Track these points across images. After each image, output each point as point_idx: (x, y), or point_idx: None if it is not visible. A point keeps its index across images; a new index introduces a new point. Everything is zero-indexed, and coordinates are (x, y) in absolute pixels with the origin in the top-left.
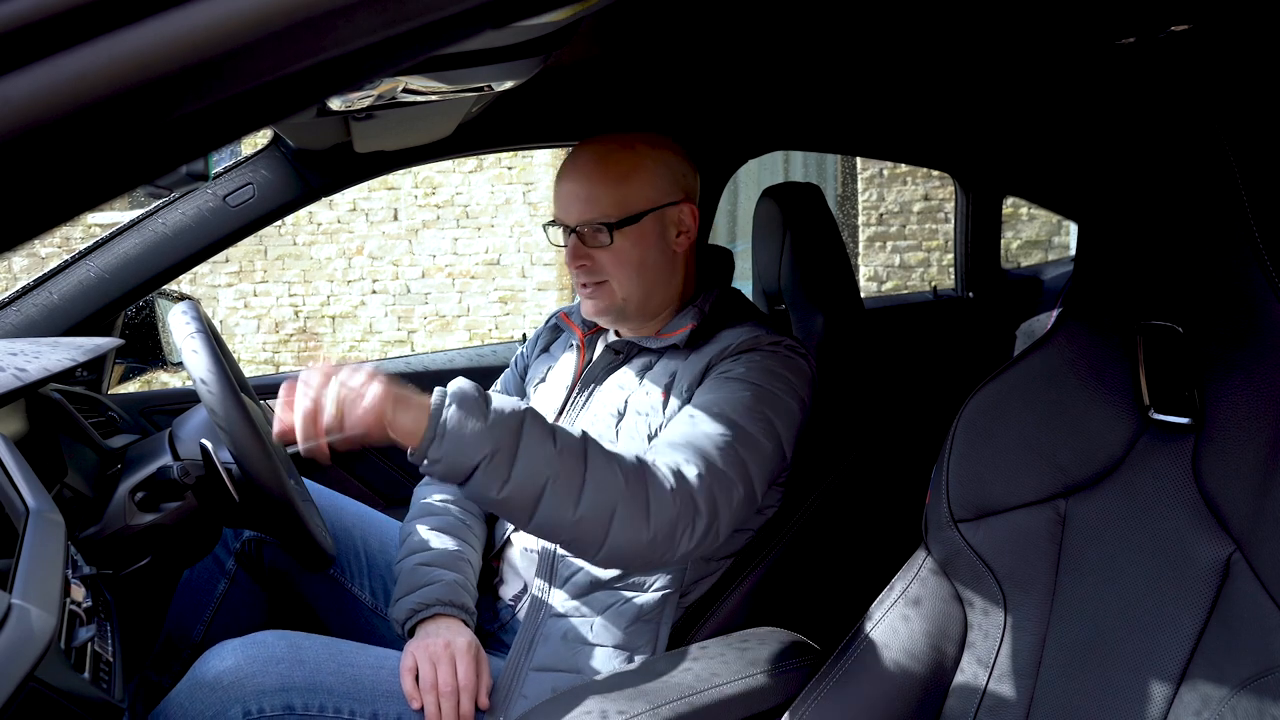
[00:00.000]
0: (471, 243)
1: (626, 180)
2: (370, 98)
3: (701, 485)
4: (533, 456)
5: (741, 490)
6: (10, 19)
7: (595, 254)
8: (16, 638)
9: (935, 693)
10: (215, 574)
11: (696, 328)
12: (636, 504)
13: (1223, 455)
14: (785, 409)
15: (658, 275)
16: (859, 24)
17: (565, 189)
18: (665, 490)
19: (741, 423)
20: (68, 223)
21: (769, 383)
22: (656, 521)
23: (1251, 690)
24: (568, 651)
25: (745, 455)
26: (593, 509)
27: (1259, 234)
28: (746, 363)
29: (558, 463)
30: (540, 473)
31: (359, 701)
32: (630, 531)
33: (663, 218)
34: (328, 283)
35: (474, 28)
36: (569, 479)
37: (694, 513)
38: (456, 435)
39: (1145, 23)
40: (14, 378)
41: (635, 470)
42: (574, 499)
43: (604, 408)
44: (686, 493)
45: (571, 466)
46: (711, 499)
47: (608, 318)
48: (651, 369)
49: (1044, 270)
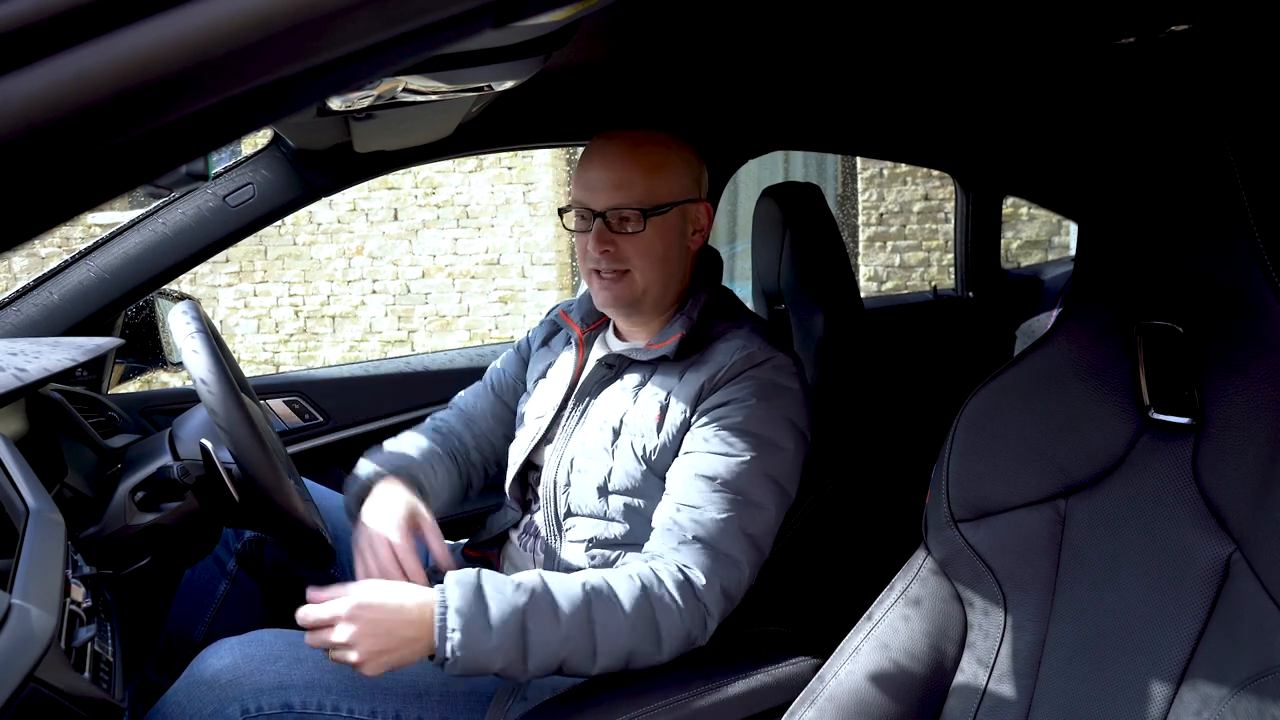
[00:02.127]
0: (471, 243)
1: (659, 170)
2: (370, 98)
3: (709, 588)
4: (544, 644)
5: (748, 569)
6: (10, 19)
7: (621, 241)
8: (16, 638)
9: (935, 693)
10: (216, 574)
11: (686, 337)
12: (649, 640)
13: (1223, 455)
14: (787, 458)
15: (675, 270)
16: (859, 24)
17: (594, 174)
18: (674, 613)
19: (745, 492)
20: (68, 223)
21: (767, 428)
22: (669, 644)
23: (1251, 690)
24: None
25: (751, 527)
26: (609, 660)
27: (1259, 234)
28: (742, 403)
29: (567, 645)
30: (556, 654)
31: (357, 699)
32: (647, 659)
33: (685, 213)
34: (328, 283)
35: (474, 28)
36: (582, 650)
37: (705, 616)
38: (468, 649)
39: (1145, 23)
40: (14, 378)
41: (642, 608)
42: (590, 661)
43: (598, 426)
44: (694, 604)
45: (582, 639)
46: (722, 595)
47: (621, 308)
48: (645, 385)
49: (1044, 270)
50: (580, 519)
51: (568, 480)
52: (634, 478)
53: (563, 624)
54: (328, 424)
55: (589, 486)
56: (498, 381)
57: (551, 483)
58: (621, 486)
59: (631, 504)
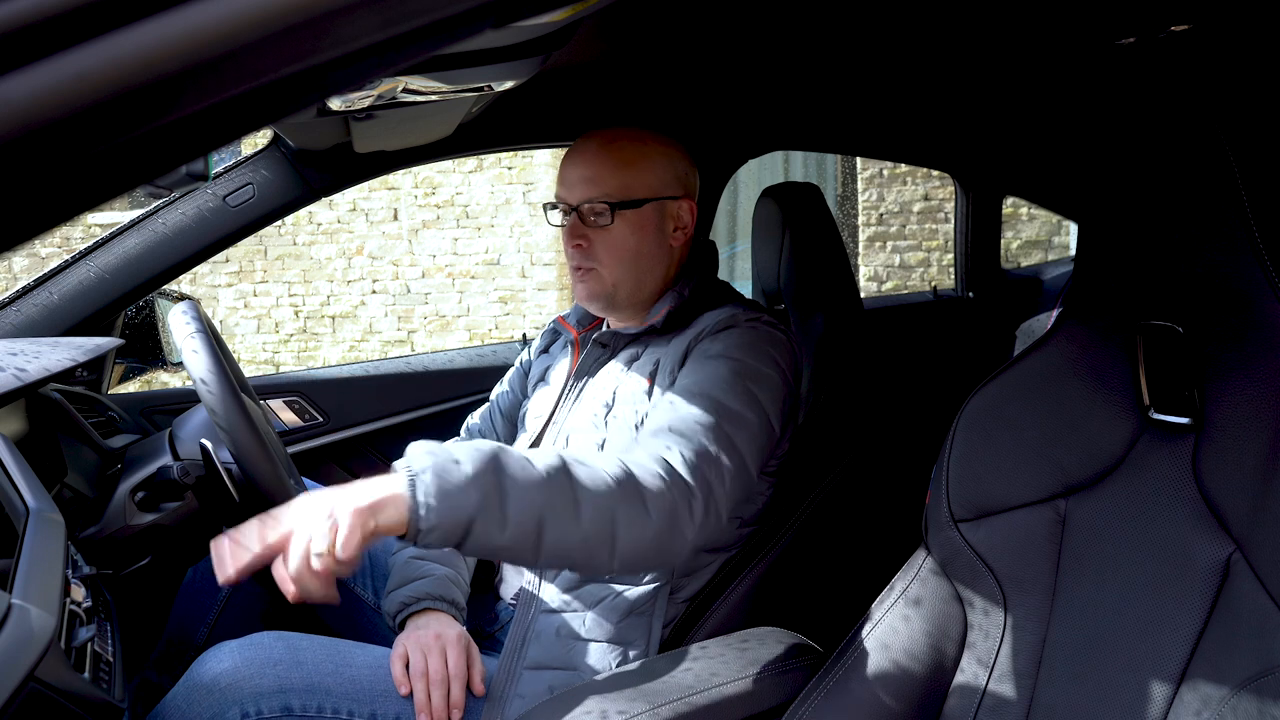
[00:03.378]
0: (471, 243)
1: (632, 165)
2: (370, 98)
3: (689, 468)
4: (522, 490)
5: (731, 465)
6: (10, 19)
7: (592, 236)
8: (16, 638)
9: (935, 693)
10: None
11: (675, 309)
12: (633, 503)
13: (1222, 455)
14: (768, 381)
15: (650, 266)
16: (859, 24)
17: (570, 169)
18: (656, 481)
19: (723, 399)
20: (68, 223)
21: (748, 356)
22: (656, 513)
23: (1251, 690)
24: (561, 648)
25: (730, 430)
26: (594, 522)
27: (1259, 234)
28: (725, 339)
29: (547, 489)
30: (535, 503)
31: (357, 702)
32: (635, 530)
33: (663, 209)
34: (328, 283)
35: (474, 28)
36: (563, 500)
37: (689, 495)
38: (442, 495)
39: (1145, 23)
40: (14, 378)
41: (621, 471)
42: (574, 518)
43: (594, 400)
44: (677, 477)
45: (561, 487)
46: (704, 479)
47: (599, 304)
48: (638, 359)
49: (1044, 270)
50: None
51: None
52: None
53: (541, 470)
54: (328, 424)
55: None
56: (506, 403)
57: None
58: None
59: None
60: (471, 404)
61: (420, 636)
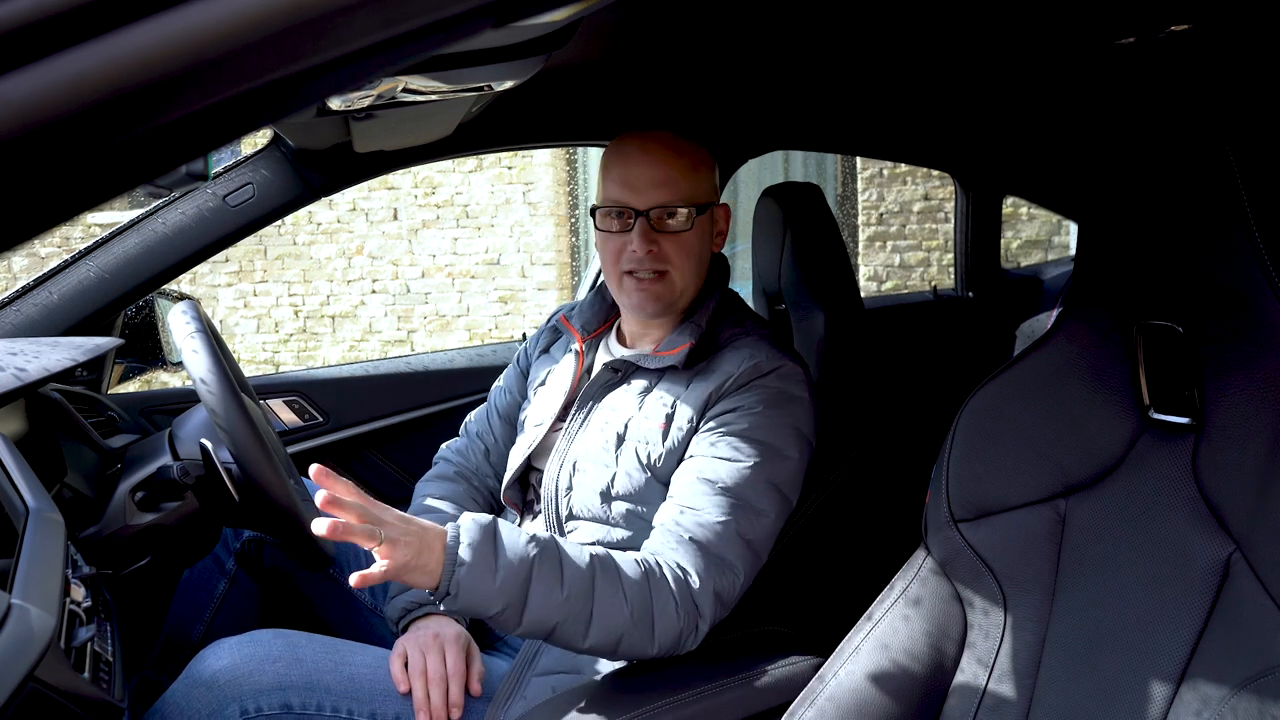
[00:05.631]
0: (471, 243)
1: (698, 170)
2: (370, 98)
3: (705, 589)
4: (541, 607)
5: (745, 566)
6: (10, 19)
7: (663, 241)
8: (16, 638)
9: (935, 693)
10: (215, 574)
11: (695, 346)
12: (643, 629)
13: (1222, 455)
14: (790, 465)
15: (704, 271)
16: (859, 24)
17: (637, 172)
18: (670, 607)
19: (746, 498)
20: (68, 223)
21: (772, 435)
22: (662, 639)
23: (1251, 690)
24: (571, 655)
25: (749, 533)
26: (601, 637)
27: (1259, 234)
28: (749, 410)
29: (565, 609)
30: (551, 616)
31: (357, 700)
32: (637, 650)
33: (713, 215)
34: (328, 282)
35: (474, 28)
36: (577, 620)
37: (697, 619)
38: (469, 594)
39: (1145, 23)
40: (14, 378)
41: (642, 592)
42: (583, 632)
43: (603, 430)
44: (690, 604)
45: (579, 609)
46: (716, 599)
47: (660, 308)
48: (651, 392)
49: (1044, 270)
50: (582, 522)
51: (569, 484)
52: (637, 484)
53: (566, 586)
54: (328, 424)
55: (591, 490)
56: (504, 404)
57: (553, 486)
58: (624, 492)
59: (634, 509)
60: (471, 404)
61: (420, 636)
